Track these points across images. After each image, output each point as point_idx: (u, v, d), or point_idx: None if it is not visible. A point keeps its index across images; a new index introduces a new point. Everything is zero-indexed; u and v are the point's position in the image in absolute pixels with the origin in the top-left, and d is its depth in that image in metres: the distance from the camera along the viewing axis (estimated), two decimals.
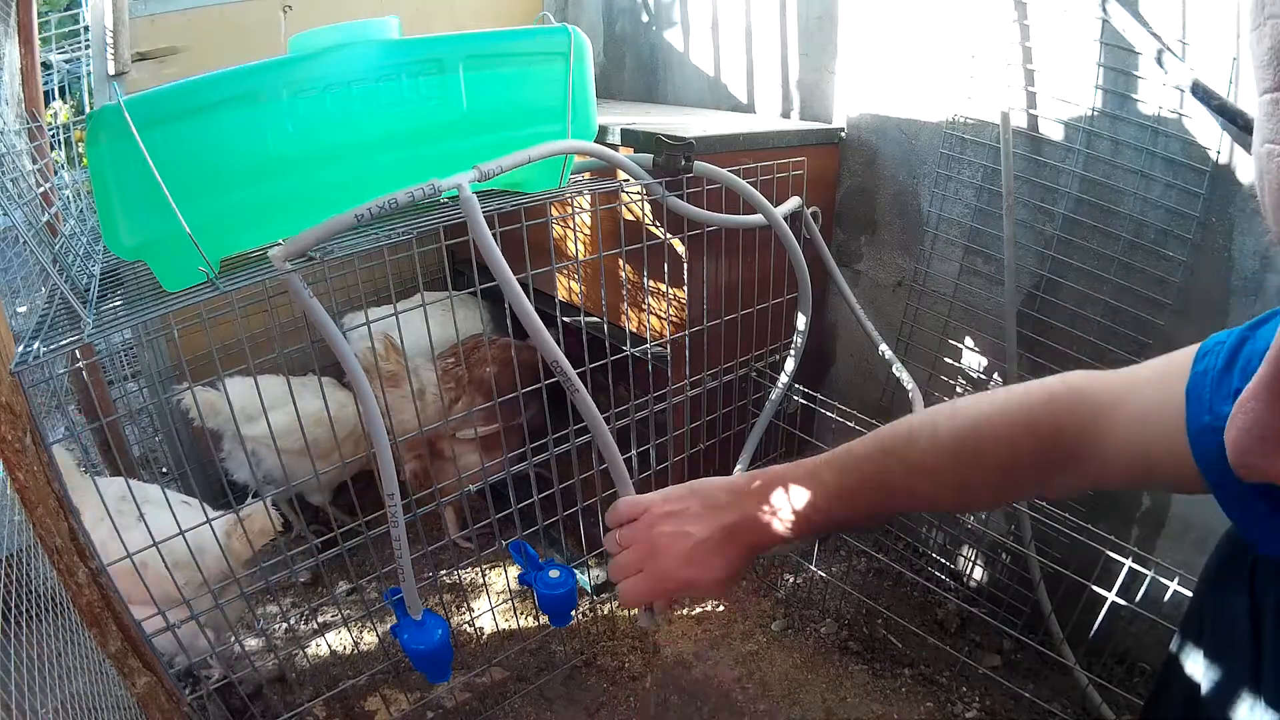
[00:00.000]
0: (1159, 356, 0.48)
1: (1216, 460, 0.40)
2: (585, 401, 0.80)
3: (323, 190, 0.88)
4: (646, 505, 0.65)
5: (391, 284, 1.04)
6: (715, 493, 0.64)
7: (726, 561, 0.62)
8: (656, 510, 0.64)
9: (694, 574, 0.62)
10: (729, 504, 0.63)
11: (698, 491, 0.65)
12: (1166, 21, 1.04)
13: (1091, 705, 1.19)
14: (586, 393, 0.80)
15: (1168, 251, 1.12)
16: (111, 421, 1.35)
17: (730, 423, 1.46)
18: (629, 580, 0.64)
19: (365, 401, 0.90)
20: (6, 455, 0.72)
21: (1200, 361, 0.43)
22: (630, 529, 0.65)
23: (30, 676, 0.78)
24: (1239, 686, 0.44)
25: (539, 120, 1.00)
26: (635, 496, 0.68)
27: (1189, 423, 0.42)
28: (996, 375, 1.37)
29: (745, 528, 0.62)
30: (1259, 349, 0.40)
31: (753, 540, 0.62)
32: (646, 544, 0.64)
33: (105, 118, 0.73)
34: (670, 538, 0.62)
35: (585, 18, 2.03)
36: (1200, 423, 0.41)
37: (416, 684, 1.31)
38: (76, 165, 1.60)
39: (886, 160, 1.44)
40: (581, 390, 0.80)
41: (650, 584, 0.63)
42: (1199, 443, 0.41)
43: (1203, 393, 0.42)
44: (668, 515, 0.64)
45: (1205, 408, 0.41)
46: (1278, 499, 0.39)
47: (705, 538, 0.62)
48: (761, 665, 1.35)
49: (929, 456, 0.56)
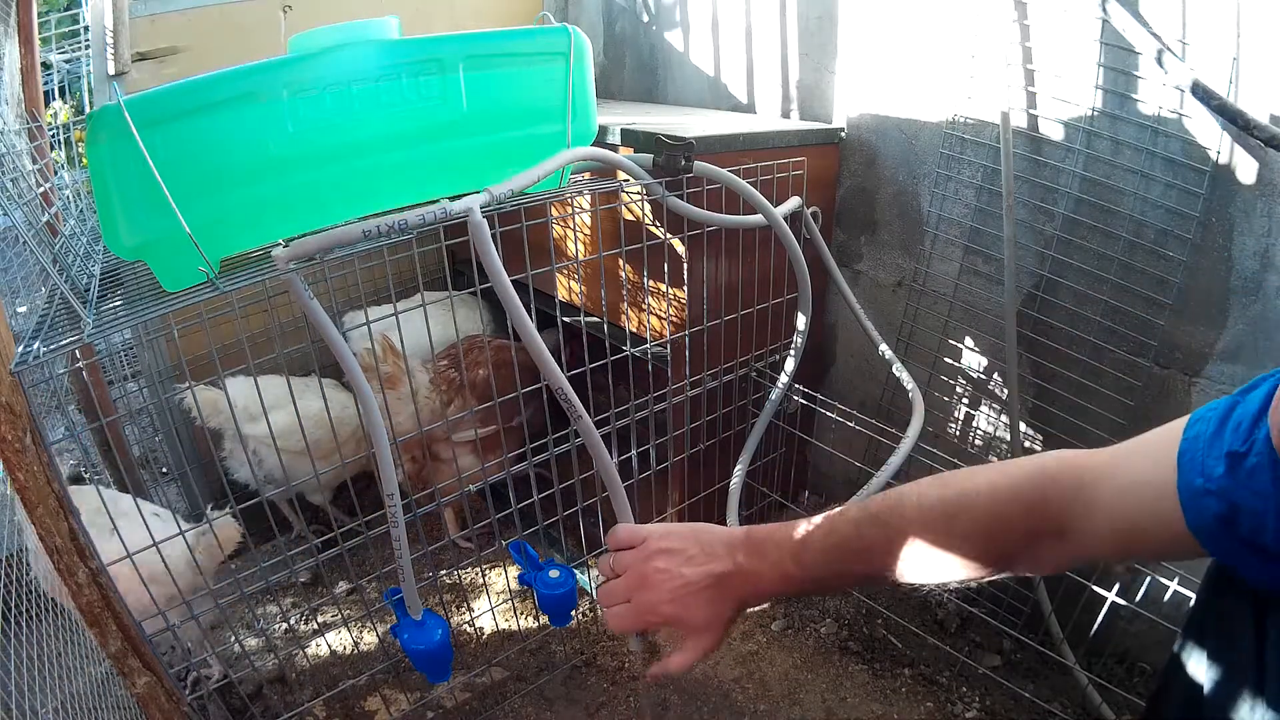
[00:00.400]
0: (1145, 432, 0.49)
1: (1210, 521, 0.41)
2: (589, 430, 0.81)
3: (323, 190, 0.88)
4: (645, 536, 0.67)
5: (391, 284, 1.04)
6: (713, 542, 0.65)
7: (712, 609, 0.63)
8: (654, 544, 0.66)
9: (677, 613, 0.63)
10: (723, 555, 0.64)
11: (699, 537, 0.66)
12: (1166, 21, 1.04)
13: (1091, 705, 1.19)
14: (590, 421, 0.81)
15: (1168, 251, 1.12)
16: (111, 421, 1.35)
17: (730, 423, 1.46)
18: (616, 608, 0.66)
19: (365, 402, 0.90)
20: (6, 455, 0.72)
21: (1191, 428, 0.45)
22: (625, 556, 0.67)
23: (30, 676, 0.78)
24: (1240, 687, 0.44)
25: (539, 120, 1.00)
26: (636, 525, 0.69)
27: (1180, 487, 0.43)
28: (996, 375, 1.37)
29: (735, 580, 0.63)
30: (1250, 411, 0.42)
31: (741, 593, 0.64)
32: (637, 575, 0.65)
33: (105, 118, 0.73)
34: (662, 574, 0.64)
35: (585, 18, 2.03)
36: (1193, 486, 0.42)
37: (416, 684, 1.31)
38: (76, 165, 1.60)
39: (886, 160, 1.44)
40: (585, 418, 0.81)
41: (634, 615, 0.65)
42: (1191, 505, 0.42)
43: (1195, 457, 0.43)
44: (664, 552, 0.65)
45: (1197, 470, 0.42)
46: (1267, 553, 0.40)
47: (694, 581, 0.63)
48: (761, 665, 1.35)
49: (913, 524, 0.57)
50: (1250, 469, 0.40)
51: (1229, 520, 0.41)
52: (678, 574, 0.63)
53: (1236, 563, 0.43)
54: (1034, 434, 1.34)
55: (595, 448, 0.85)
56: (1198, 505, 0.42)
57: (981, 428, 1.43)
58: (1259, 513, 0.39)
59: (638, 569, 0.65)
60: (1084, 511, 0.49)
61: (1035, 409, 1.33)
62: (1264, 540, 0.39)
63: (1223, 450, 0.41)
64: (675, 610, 0.63)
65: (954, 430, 1.47)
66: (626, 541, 0.68)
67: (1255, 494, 0.39)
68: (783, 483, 1.62)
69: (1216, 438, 0.42)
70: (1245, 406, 0.42)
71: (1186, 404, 1.16)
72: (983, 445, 1.43)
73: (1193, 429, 0.44)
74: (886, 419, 1.50)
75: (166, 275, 0.83)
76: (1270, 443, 0.39)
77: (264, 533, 1.48)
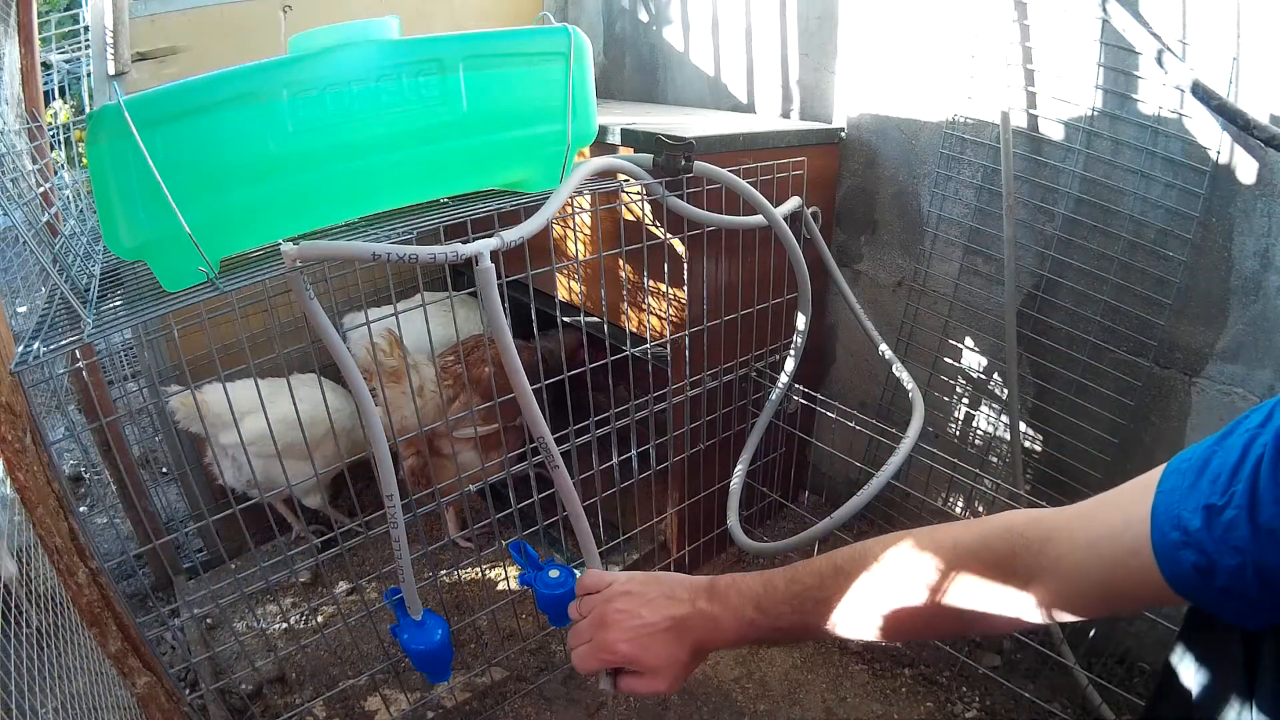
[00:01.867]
0: (1114, 488, 0.49)
1: (1188, 571, 0.41)
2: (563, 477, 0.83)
3: (323, 190, 0.88)
4: (610, 581, 0.70)
5: (391, 284, 1.04)
6: (675, 587, 0.67)
7: (668, 652, 0.65)
8: (618, 588, 0.69)
9: (634, 652, 0.65)
10: (684, 600, 0.66)
11: (661, 582, 0.68)
12: (1166, 21, 1.04)
13: (1091, 705, 1.19)
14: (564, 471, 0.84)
15: (1168, 251, 1.12)
16: (111, 421, 1.35)
17: (730, 423, 1.46)
18: (579, 647, 0.68)
19: (363, 403, 0.90)
20: (6, 455, 0.72)
21: (1166, 481, 0.44)
22: (589, 600, 0.70)
23: (30, 676, 0.78)
24: (1230, 690, 0.44)
25: (539, 120, 0.99)
26: (602, 572, 0.73)
27: (1155, 541, 0.43)
28: (996, 375, 1.37)
29: (694, 624, 0.65)
30: (1229, 462, 0.41)
31: (699, 638, 0.65)
32: (599, 616, 0.68)
33: (105, 118, 0.73)
34: (621, 614, 0.66)
35: (585, 18, 2.03)
36: (1168, 539, 0.42)
37: (416, 684, 1.31)
38: (76, 165, 1.60)
39: (886, 160, 1.44)
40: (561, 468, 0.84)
41: (593, 653, 0.67)
42: (1167, 557, 0.42)
43: (1169, 510, 0.43)
44: (626, 594, 0.68)
45: (1173, 523, 0.42)
46: (1245, 600, 0.40)
47: (652, 623, 0.65)
48: (761, 665, 1.35)
49: (876, 577, 0.57)
50: (1228, 522, 0.39)
51: (1207, 572, 0.40)
52: (636, 614, 0.66)
53: (1216, 610, 0.43)
54: (1034, 434, 1.34)
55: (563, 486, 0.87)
56: (1174, 557, 0.42)
57: (981, 428, 1.43)
58: (1238, 566, 0.39)
59: (600, 610, 0.68)
60: (1051, 566, 0.49)
61: (1035, 409, 1.33)
62: (1243, 589, 0.39)
63: (1200, 503, 0.41)
64: (632, 650, 0.65)
65: (954, 430, 1.47)
66: (593, 586, 0.71)
67: (1233, 548, 0.39)
68: (783, 483, 1.62)
69: (1193, 489, 0.42)
70: (1223, 456, 0.41)
71: (1186, 404, 1.16)
72: (983, 445, 1.43)
73: (1167, 482, 0.44)
74: (886, 419, 1.50)
75: (166, 275, 0.83)
76: (1249, 495, 0.38)
77: (264, 533, 1.48)
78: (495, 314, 0.85)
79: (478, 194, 1.03)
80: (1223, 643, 0.46)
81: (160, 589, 1.55)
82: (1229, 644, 0.45)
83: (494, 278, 0.84)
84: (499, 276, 0.87)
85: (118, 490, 1.46)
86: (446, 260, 0.84)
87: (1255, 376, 1.08)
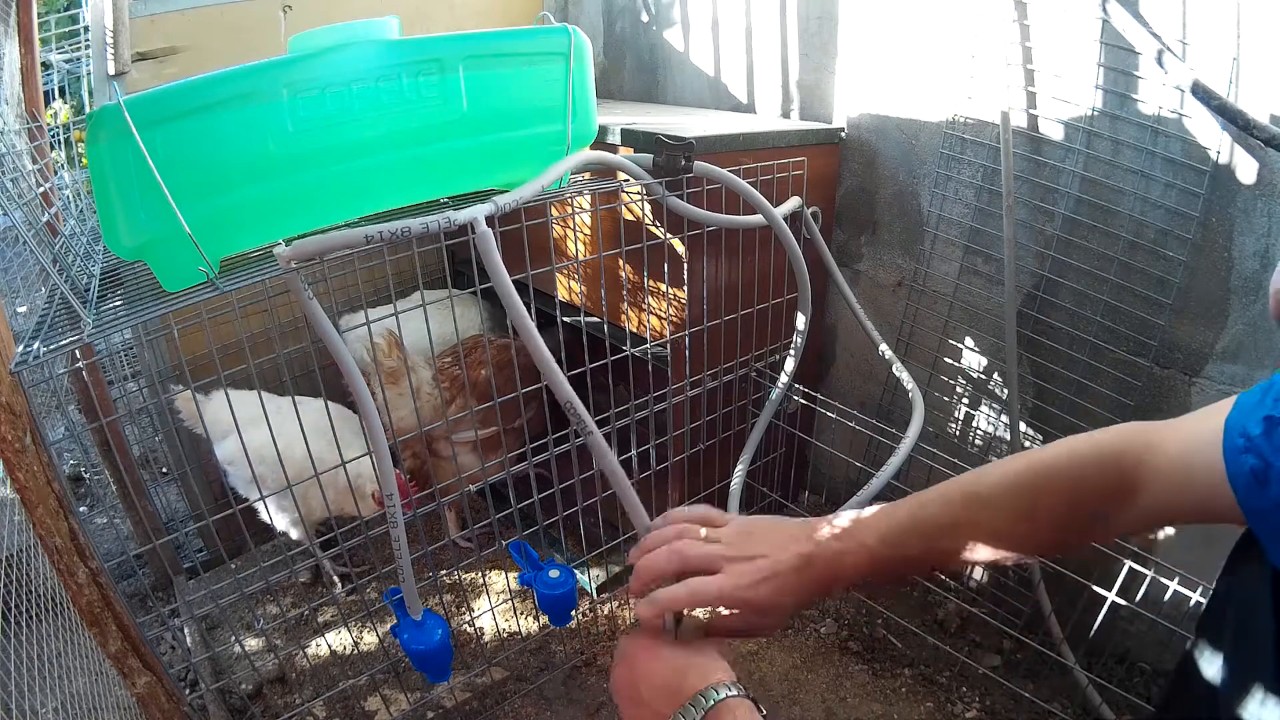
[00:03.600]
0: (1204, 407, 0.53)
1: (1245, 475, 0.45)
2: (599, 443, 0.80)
3: (323, 190, 0.88)
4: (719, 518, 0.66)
5: (391, 283, 1.04)
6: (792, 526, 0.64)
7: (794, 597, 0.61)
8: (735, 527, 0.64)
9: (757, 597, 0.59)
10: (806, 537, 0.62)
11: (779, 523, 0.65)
12: (1166, 21, 1.04)
13: (1091, 705, 1.19)
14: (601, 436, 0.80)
15: (1168, 251, 1.12)
16: (111, 421, 1.35)
17: (730, 423, 1.46)
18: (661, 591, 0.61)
19: (363, 404, 0.90)
20: (6, 455, 0.72)
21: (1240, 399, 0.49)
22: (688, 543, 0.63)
23: (30, 676, 0.78)
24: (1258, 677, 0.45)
25: (539, 120, 0.99)
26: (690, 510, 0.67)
27: (1225, 447, 0.47)
28: (996, 375, 1.37)
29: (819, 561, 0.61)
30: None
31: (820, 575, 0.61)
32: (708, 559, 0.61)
33: (105, 118, 0.73)
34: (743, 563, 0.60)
35: (585, 18, 2.03)
36: (1234, 445, 0.46)
37: (416, 684, 1.31)
38: (76, 165, 1.60)
39: (886, 160, 1.44)
40: (596, 432, 0.80)
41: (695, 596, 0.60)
42: (1233, 462, 0.46)
43: (1237, 420, 0.47)
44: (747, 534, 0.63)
45: (1239, 431, 0.46)
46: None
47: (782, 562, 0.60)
48: (761, 665, 1.35)
49: (996, 490, 0.58)
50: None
51: (1262, 478, 0.44)
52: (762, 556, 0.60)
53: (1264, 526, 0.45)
54: (1034, 434, 1.34)
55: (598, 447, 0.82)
56: (1237, 461, 0.45)
57: (981, 428, 1.43)
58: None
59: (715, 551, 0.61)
60: (1150, 471, 0.52)
61: (1035, 409, 1.33)
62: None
63: (1262, 414, 0.45)
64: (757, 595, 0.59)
65: (954, 430, 1.47)
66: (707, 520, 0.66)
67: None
68: (783, 483, 1.62)
69: (1259, 405, 0.46)
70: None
71: (1186, 404, 1.16)
72: (983, 445, 1.43)
73: (1241, 398, 0.48)
74: (886, 419, 1.50)
75: (166, 275, 0.83)
76: None
77: (264, 533, 1.48)
78: (499, 276, 0.80)
79: (478, 194, 1.03)
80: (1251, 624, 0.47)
81: (160, 589, 1.55)
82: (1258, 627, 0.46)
83: (493, 243, 0.81)
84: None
85: (118, 490, 1.46)
86: (440, 229, 0.83)
87: (1255, 377, 1.08)
